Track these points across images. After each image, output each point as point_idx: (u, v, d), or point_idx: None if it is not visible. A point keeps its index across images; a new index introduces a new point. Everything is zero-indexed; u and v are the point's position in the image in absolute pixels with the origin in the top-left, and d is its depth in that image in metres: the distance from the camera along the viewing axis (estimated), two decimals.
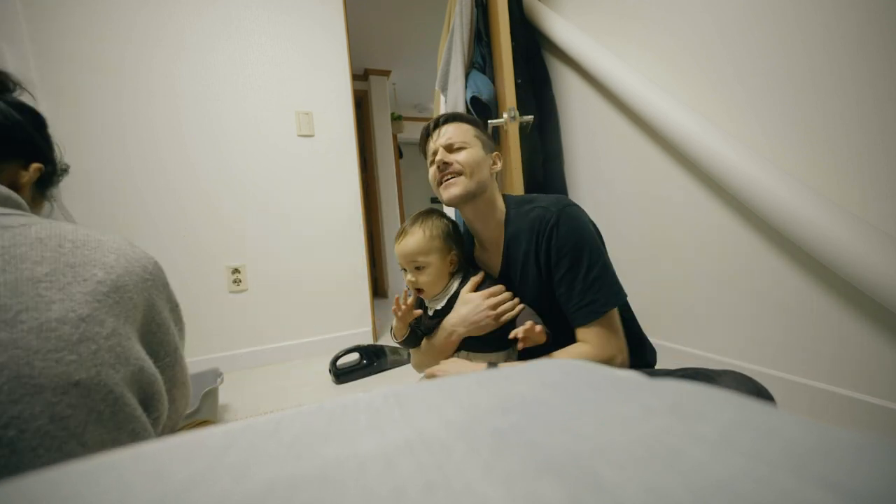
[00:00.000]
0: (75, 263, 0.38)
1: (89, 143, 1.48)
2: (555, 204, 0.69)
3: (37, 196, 0.52)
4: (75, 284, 0.37)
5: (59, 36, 1.46)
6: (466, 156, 0.71)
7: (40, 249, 0.37)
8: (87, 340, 0.35)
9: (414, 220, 0.76)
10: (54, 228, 0.40)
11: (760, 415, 0.12)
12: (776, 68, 0.91)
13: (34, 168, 0.50)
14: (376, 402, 0.17)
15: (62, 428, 0.32)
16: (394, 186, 3.61)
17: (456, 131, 0.73)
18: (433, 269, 0.74)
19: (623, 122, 1.34)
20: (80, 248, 0.40)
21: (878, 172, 0.77)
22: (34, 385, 0.31)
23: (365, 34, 2.93)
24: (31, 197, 0.50)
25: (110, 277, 0.40)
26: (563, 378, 0.18)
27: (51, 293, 0.35)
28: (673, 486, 0.09)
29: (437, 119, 0.75)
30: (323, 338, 1.85)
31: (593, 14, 1.43)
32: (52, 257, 0.37)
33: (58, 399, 0.32)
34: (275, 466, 0.12)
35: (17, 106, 0.50)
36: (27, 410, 0.31)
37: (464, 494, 0.09)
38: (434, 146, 0.73)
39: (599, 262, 0.66)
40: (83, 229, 0.43)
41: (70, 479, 0.12)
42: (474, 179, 0.70)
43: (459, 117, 0.75)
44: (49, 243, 0.38)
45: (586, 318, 0.65)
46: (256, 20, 1.76)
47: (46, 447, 0.31)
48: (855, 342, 0.83)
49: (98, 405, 0.35)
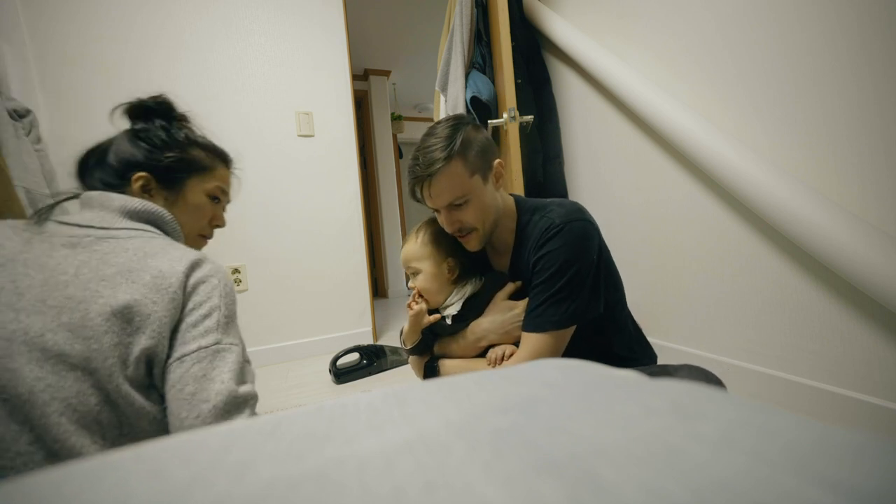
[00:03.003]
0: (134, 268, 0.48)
1: (89, 143, 1.48)
2: (564, 216, 0.66)
3: (168, 193, 0.59)
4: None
5: (59, 36, 1.46)
6: (471, 212, 0.67)
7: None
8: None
9: (415, 228, 0.78)
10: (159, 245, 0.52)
11: (761, 414, 0.12)
12: (777, 68, 0.91)
13: (135, 178, 0.57)
14: (376, 402, 0.17)
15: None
16: (394, 186, 3.61)
17: (447, 186, 0.64)
18: (427, 274, 0.74)
19: (623, 122, 1.34)
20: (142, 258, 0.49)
21: (879, 172, 0.77)
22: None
23: (365, 34, 2.93)
24: (163, 196, 0.59)
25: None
26: (562, 378, 0.18)
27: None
28: (673, 485, 0.09)
29: (418, 175, 0.65)
30: (323, 338, 1.85)
31: (593, 14, 1.43)
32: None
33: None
34: (275, 466, 0.12)
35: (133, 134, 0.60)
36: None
37: (464, 494, 0.09)
38: (433, 203, 0.68)
39: (576, 284, 0.64)
40: (154, 248, 0.51)
41: (71, 479, 0.12)
42: (487, 225, 0.70)
43: (437, 160, 0.63)
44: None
45: (528, 327, 0.66)
46: (256, 20, 1.76)
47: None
48: (855, 342, 0.83)
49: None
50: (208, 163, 0.63)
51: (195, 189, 0.61)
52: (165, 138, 0.59)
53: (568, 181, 1.64)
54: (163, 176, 0.59)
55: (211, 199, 0.63)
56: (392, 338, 2.05)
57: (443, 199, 0.66)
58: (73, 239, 0.49)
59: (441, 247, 0.75)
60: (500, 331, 0.70)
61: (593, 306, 0.66)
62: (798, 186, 0.85)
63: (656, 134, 1.20)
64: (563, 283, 0.63)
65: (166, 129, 0.61)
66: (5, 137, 1.12)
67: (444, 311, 0.77)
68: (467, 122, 0.68)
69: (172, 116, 0.63)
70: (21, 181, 1.12)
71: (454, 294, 0.76)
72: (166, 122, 0.61)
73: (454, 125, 0.67)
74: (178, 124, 0.63)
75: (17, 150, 1.14)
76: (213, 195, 0.63)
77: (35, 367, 0.40)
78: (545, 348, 0.64)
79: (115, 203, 0.54)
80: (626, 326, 0.76)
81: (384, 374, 1.52)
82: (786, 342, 0.95)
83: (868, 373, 0.81)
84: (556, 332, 0.64)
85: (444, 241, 0.76)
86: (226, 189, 0.66)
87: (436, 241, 0.75)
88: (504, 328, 0.70)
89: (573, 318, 0.64)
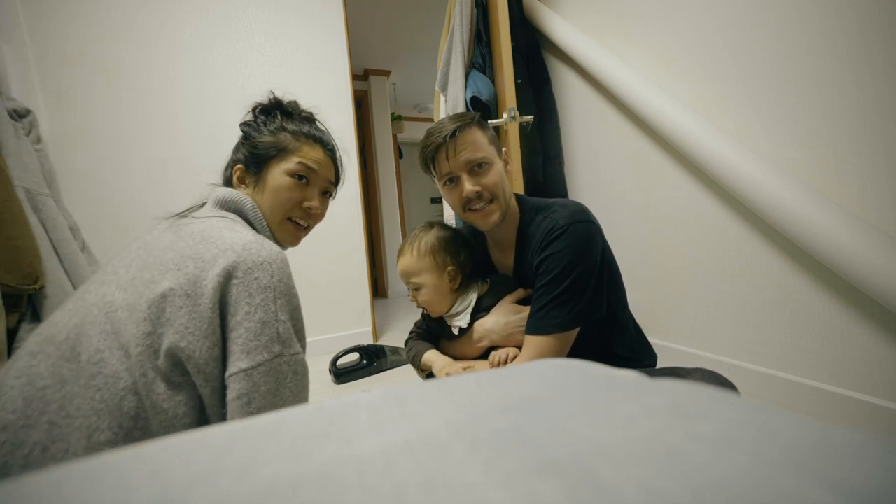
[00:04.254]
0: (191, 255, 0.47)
1: (89, 143, 1.48)
2: (568, 217, 0.66)
3: (253, 179, 0.61)
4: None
5: (59, 36, 1.46)
6: (493, 177, 0.66)
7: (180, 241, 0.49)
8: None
9: (408, 239, 0.75)
10: (205, 223, 0.51)
11: (761, 414, 0.12)
12: (777, 68, 0.91)
13: (235, 171, 0.62)
14: (376, 402, 0.17)
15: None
16: (394, 186, 3.61)
17: (471, 143, 0.65)
18: (429, 288, 0.72)
19: (623, 122, 1.34)
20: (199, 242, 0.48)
21: (879, 172, 0.77)
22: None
23: (365, 34, 2.93)
24: (252, 184, 0.61)
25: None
26: (563, 378, 0.18)
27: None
28: (673, 485, 0.09)
29: (437, 142, 0.66)
30: (323, 338, 1.85)
31: (593, 14, 1.43)
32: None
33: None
34: (275, 466, 0.12)
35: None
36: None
37: (464, 494, 0.09)
38: (452, 165, 0.66)
39: (580, 286, 0.64)
40: (215, 228, 0.50)
41: (71, 478, 0.12)
42: (504, 199, 0.69)
43: (469, 121, 0.67)
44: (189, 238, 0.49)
45: (531, 329, 0.65)
46: (256, 20, 1.76)
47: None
48: (855, 342, 0.83)
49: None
50: (292, 144, 0.61)
51: (275, 170, 0.60)
52: (259, 129, 0.61)
53: (568, 181, 1.63)
54: (250, 163, 0.60)
55: (295, 178, 0.60)
56: (392, 338, 2.05)
57: (467, 155, 0.65)
58: (176, 227, 0.51)
59: (439, 256, 0.72)
60: (503, 332, 0.70)
61: (597, 308, 0.66)
62: (798, 186, 0.85)
63: (656, 134, 1.20)
64: (566, 285, 0.63)
65: (264, 121, 0.62)
66: (5, 137, 1.12)
67: (451, 322, 0.74)
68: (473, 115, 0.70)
69: (280, 111, 0.64)
70: (21, 181, 1.12)
71: (459, 303, 0.74)
72: (267, 117, 0.63)
73: (463, 113, 0.69)
74: (282, 118, 0.63)
75: (17, 150, 1.14)
76: (296, 173, 0.60)
77: (101, 338, 0.42)
78: (549, 351, 0.63)
79: (213, 194, 0.58)
80: (628, 327, 0.76)
81: (384, 374, 1.52)
82: (786, 342, 0.95)
83: (868, 373, 0.81)
84: (560, 334, 0.63)
85: (441, 248, 0.73)
86: (312, 167, 0.61)
87: (433, 251, 0.72)
88: (507, 330, 0.70)
89: (577, 320, 0.64)
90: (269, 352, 0.44)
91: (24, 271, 1.01)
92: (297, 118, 0.65)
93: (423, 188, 4.80)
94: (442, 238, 0.74)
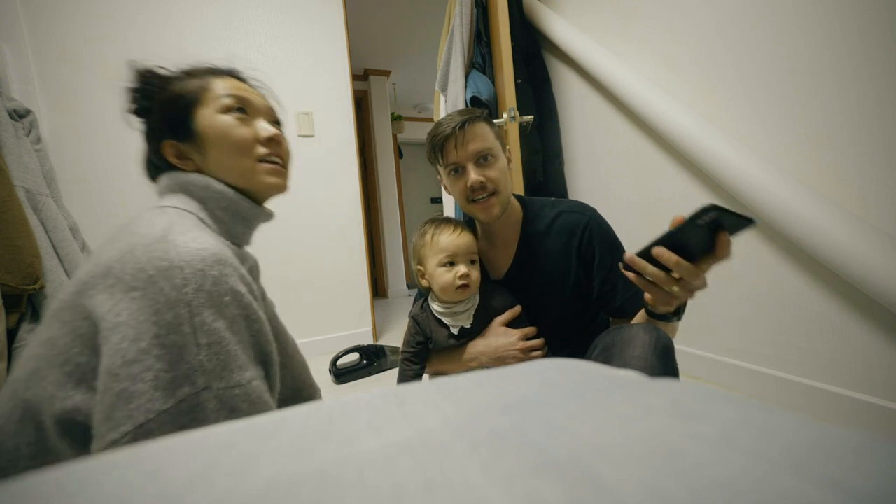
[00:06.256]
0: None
1: (88, 143, 1.48)
2: (582, 207, 0.74)
3: (191, 145, 0.52)
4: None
5: (59, 36, 1.46)
6: (497, 171, 0.68)
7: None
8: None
9: (453, 220, 0.73)
10: (140, 217, 0.45)
11: (760, 414, 0.12)
12: (777, 68, 0.91)
13: (166, 145, 0.52)
14: (376, 402, 0.17)
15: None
16: (394, 186, 3.61)
17: (480, 134, 0.67)
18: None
19: (623, 122, 1.34)
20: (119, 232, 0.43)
21: (879, 172, 0.77)
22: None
23: (365, 34, 2.93)
24: (194, 150, 0.51)
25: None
26: (562, 378, 0.18)
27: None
28: (672, 485, 0.09)
29: (446, 133, 0.67)
30: (323, 338, 1.85)
31: (593, 14, 1.43)
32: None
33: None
34: (275, 466, 0.12)
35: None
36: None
37: (463, 493, 0.09)
38: (459, 155, 0.67)
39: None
40: (150, 221, 0.43)
41: (72, 478, 0.12)
42: (506, 193, 0.70)
43: (478, 115, 0.69)
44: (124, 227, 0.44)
45: (636, 304, 0.67)
46: (256, 20, 1.76)
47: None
48: (855, 342, 0.83)
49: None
50: (202, 82, 0.52)
51: (205, 120, 0.50)
52: (151, 94, 0.53)
53: (568, 181, 1.63)
54: (176, 130, 0.50)
55: (234, 112, 0.51)
56: (392, 338, 2.05)
57: (476, 145, 0.67)
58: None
59: (475, 232, 0.75)
60: (492, 355, 0.70)
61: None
62: (798, 186, 0.85)
63: (656, 134, 1.20)
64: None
65: (140, 90, 0.54)
66: (5, 137, 1.12)
67: (453, 321, 0.74)
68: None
69: (139, 78, 0.55)
70: (21, 181, 1.12)
71: (465, 302, 0.74)
72: (149, 83, 0.54)
73: (472, 108, 0.74)
74: (144, 79, 0.54)
75: (17, 150, 1.14)
76: (231, 108, 0.51)
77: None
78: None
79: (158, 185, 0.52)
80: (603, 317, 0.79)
81: (384, 374, 1.52)
82: (785, 341, 0.95)
83: (867, 372, 0.81)
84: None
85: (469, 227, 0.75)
86: (242, 95, 0.53)
87: (468, 227, 0.73)
88: (497, 353, 0.70)
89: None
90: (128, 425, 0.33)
91: (25, 271, 1.01)
92: (155, 71, 0.55)
93: (423, 188, 4.80)
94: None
